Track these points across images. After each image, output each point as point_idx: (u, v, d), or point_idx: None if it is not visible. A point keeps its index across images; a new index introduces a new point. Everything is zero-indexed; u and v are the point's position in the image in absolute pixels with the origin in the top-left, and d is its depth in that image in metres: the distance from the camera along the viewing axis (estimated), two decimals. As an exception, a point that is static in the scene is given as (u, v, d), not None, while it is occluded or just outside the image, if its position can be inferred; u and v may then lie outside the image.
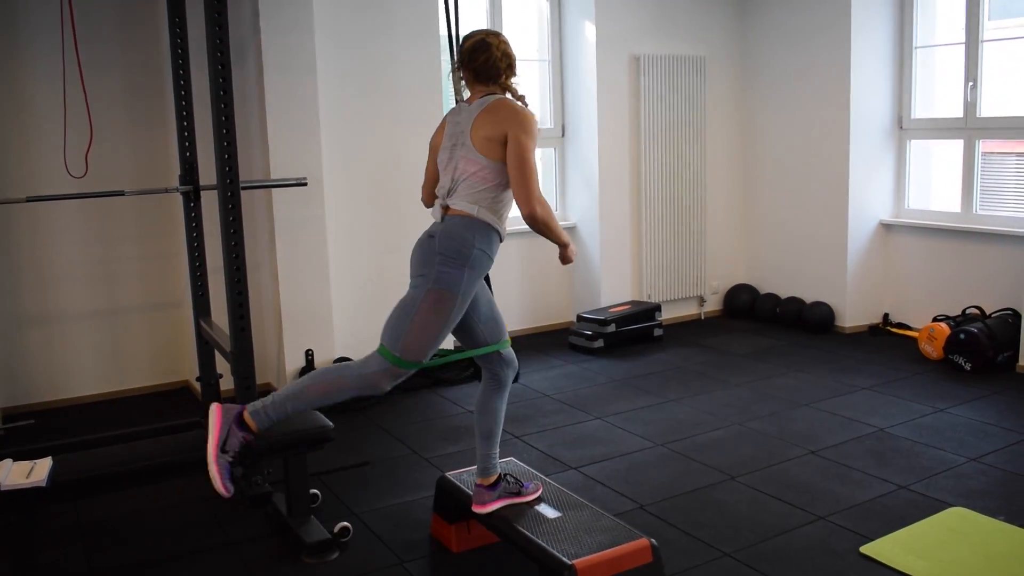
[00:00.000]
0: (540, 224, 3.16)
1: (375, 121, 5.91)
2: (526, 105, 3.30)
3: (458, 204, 3.19)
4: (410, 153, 5.98)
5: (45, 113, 5.31)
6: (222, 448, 3.16)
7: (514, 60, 3.34)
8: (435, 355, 3.27)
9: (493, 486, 3.46)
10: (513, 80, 3.36)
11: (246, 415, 3.22)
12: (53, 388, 5.70)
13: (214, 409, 3.22)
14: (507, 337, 3.48)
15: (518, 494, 3.47)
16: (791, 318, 7.29)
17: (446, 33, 5.75)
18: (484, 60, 3.29)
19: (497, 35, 3.36)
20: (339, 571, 3.57)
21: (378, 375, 3.22)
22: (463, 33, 3.51)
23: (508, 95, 3.32)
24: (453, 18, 5.64)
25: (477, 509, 3.44)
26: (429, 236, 3.21)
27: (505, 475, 3.51)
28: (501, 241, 3.28)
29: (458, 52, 3.37)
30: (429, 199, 3.56)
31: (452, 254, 3.13)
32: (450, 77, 3.53)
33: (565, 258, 3.43)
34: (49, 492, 3.31)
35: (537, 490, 3.52)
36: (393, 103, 5.94)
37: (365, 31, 5.81)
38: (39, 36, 5.30)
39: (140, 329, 5.90)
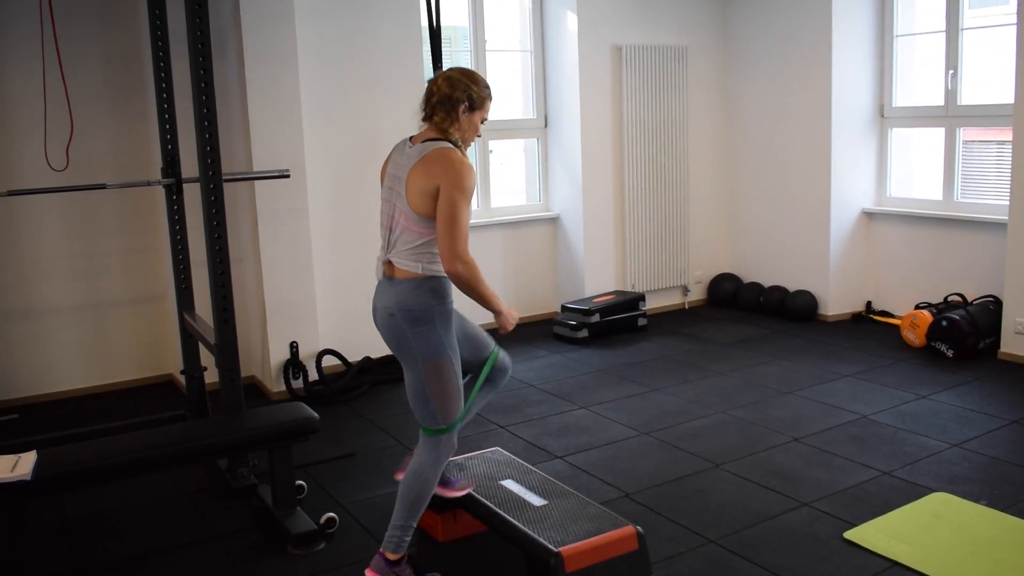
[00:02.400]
0: (463, 284, 3.04)
1: (357, 112, 5.89)
2: (463, 152, 3.15)
3: (401, 262, 3.11)
4: (392, 142, 5.95)
5: (25, 106, 5.28)
6: None
7: (457, 103, 3.14)
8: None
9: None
10: (468, 119, 3.18)
11: (388, 555, 3.24)
12: (37, 382, 5.67)
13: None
14: (492, 342, 3.47)
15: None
16: (774, 307, 7.32)
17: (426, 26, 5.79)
18: (427, 97, 3.20)
19: (447, 75, 3.20)
20: (325, 562, 3.57)
21: (444, 450, 3.25)
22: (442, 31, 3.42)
23: (448, 142, 3.13)
24: (435, 13, 5.65)
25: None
26: (389, 315, 3.13)
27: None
28: (450, 282, 3.16)
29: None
30: None
31: (419, 326, 3.09)
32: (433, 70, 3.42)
33: (501, 326, 3.31)
34: (33, 486, 3.30)
35: (465, 488, 3.50)
36: (375, 94, 5.92)
37: (346, 22, 5.79)
38: (17, 28, 5.26)
39: (124, 323, 5.88)
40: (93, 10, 5.51)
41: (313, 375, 5.72)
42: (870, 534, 3.61)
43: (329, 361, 5.82)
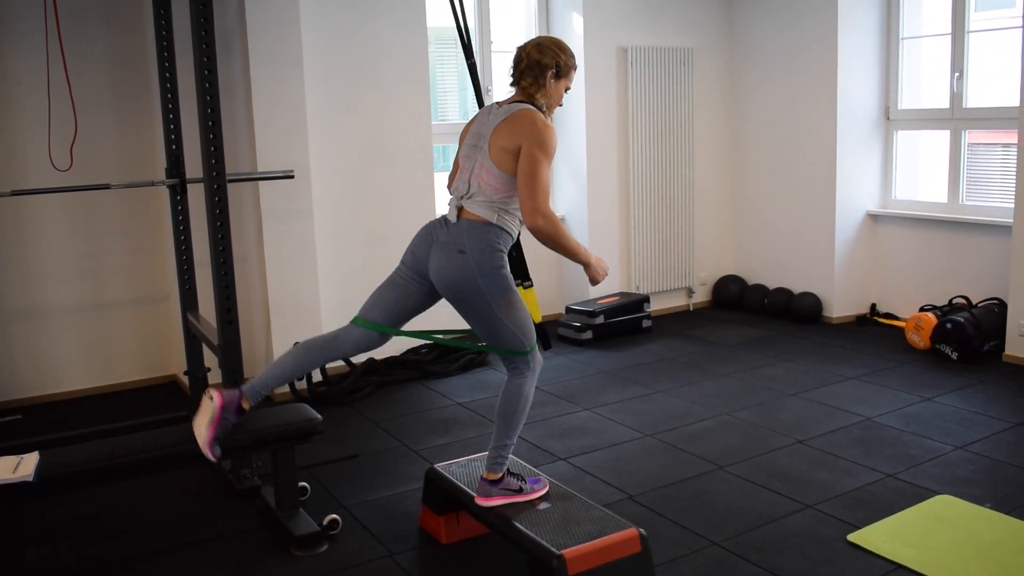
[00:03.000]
0: (545, 238, 3.19)
1: (362, 113, 5.89)
2: (547, 116, 3.28)
3: (476, 209, 3.22)
4: (397, 145, 5.98)
5: (29, 106, 5.28)
6: None
7: (546, 69, 3.28)
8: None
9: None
10: (551, 84, 3.31)
11: (490, 476, 3.39)
12: (40, 383, 5.67)
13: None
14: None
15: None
16: (779, 309, 7.31)
17: (448, 26, 5.79)
18: (515, 63, 3.33)
19: (537, 42, 3.34)
20: (328, 564, 3.56)
21: (536, 364, 3.37)
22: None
23: (534, 106, 3.27)
24: (460, 8, 5.68)
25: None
26: (459, 251, 3.20)
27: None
28: (513, 241, 3.34)
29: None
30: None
31: (490, 265, 3.19)
32: (471, 76, 3.53)
33: (591, 278, 3.42)
34: (36, 487, 3.30)
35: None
36: (380, 95, 5.92)
37: (352, 23, 5.79)
38: (22, 27, 5.26)
39: (127, 323, 5.88)
40: (98, 10, 5.52)
41: (317, 376, 5.71)
42: (874, 536, 3.60)
43: (333, 362, 5.80)
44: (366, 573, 3.49)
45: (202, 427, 3.33)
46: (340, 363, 5.86)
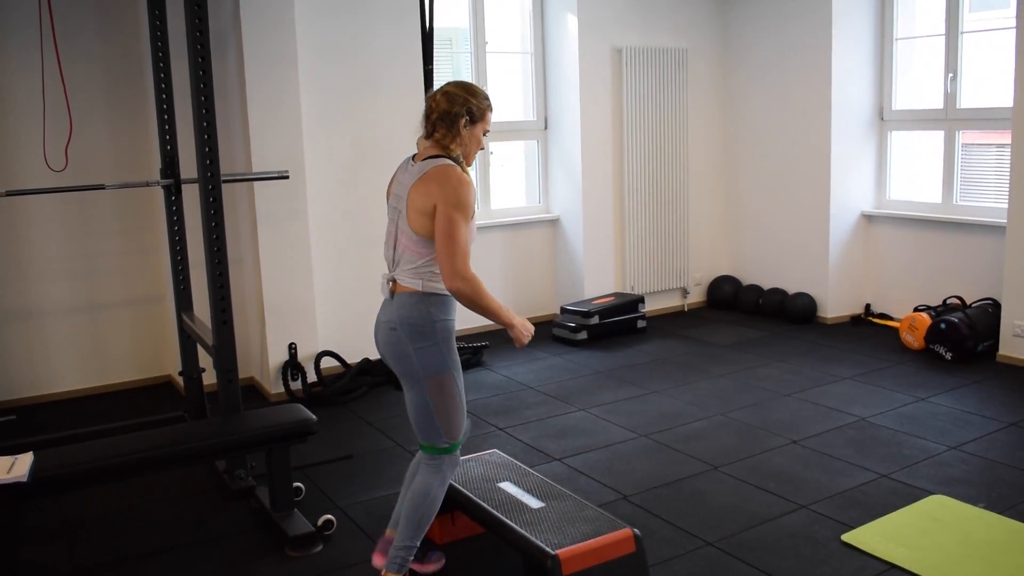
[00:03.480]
0: (467, 301, 2.99)
1: (356, 114, 5.89)
2: (464, 168, 3.10)
3: (403, 279, 3.09)
4: (392, 145, 5.96)
5: (24, 106, 5.28)
6: None
7: (457, 116, 3.10)
8: None
9: None
10: (470, 132, 3.13)
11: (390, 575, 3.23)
12: (34, 384, 5.67)
13: None
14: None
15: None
16: (774, 309, 7.32)
17: (446, 28, 5.78)
18: (427, 112, 3.16)
19: (445, 88, 3.16)
20: (323, 564, 3.57)
21: (448, 469, 3.25)
22: (436, 29, 3.35)
23: (449, 159, 3.09)
24: (428, 11, 5.65)
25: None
26: (391, 330, 3.12)
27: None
28: (451, 299, 3.13)
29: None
30: None
31: (420, 340, 3.07)
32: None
33: (515, 339, 3.22)
34: (30, 487, 3.30)
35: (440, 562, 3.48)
36: (374, 96, 5.92)
37: (346, 24, 5.79)
38: (17, 28, 5.26)
39: (122, 324, 5.88)
40: (92, 11, 5.51)
41: (312, 376, 5.72)
42: (868, 536, 3.61)
43: (328, 362, 5.82)
44: (360, 574, 3.49)
45: None
46: (335, 363, 5.86)
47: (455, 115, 3.10)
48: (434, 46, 5.94)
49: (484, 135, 3.21)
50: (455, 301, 3.09)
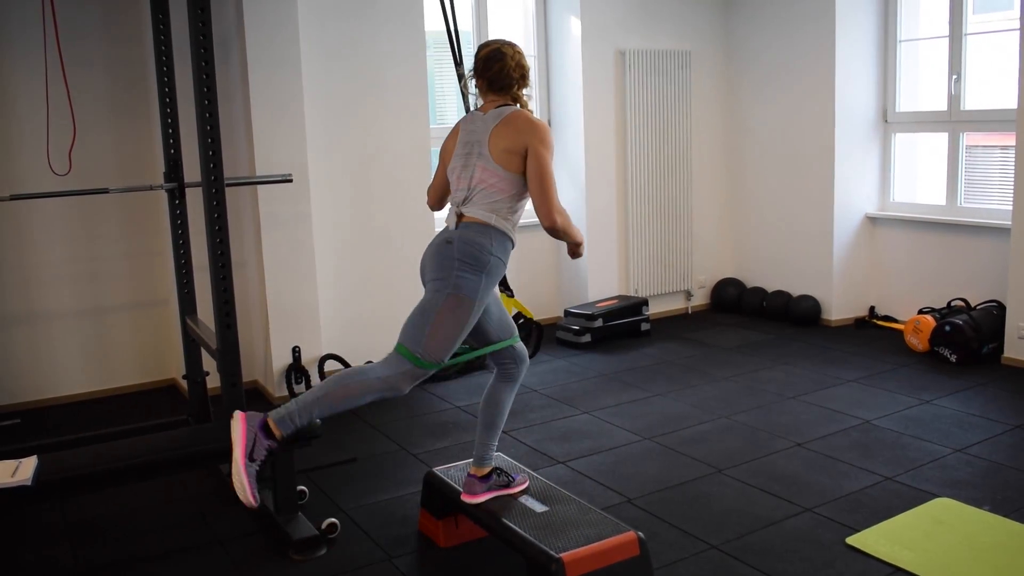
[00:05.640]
0: (560, 232, 3.26)
1: (360, 116, 5.90)
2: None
3: (475, 212, 3.23)
4: (396, 149, 5.98)
5: (27, 110, 5.28)
6: (249, 457, 3.10)
7: (527, 71, 3.38)
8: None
9: (485, 478, 3.47)
10: (525, 91, 3.40)
11: (270, 422, 3.15)
12: (39, 387, 5.67)
13: (237, 417, 3.14)
14: (516, 333, 3.54)
15: (507, 486, 3.50)
16: (778, 312, 7.31)
17: (444, 31, 5.80)
18: (499, 70, 3.33)
19: (512, 45, 3.38)
20: (327, 567, 3.56)
21: (399, 376, 3.21)
22: (480, 40, 3.53)
23: (519, 106, 3.35)
24: (451, 16, 5.69)
25: (466, 499, 3.46)
26: (446, 242, 3.21)
27: (497, 469, 3.53)
28: (512, 247, 3.34)
29: (474, 61, 3.40)
30: (435, 204, 3.65)
31: (471, 260, 3.16)
32: (459, 83, 3.59)
33: (575, 253, 3.47)
34: (35, 491, 3.30)
35: (524, 483, 3.55)
36: (378, 98, 5.93)
37: (349, 26, 5.80)
38: (21, 32, 5.27)
39: (126, 327, 5.88)
40: (96, 15, 5.52)
41: (316, 379, 5.72)
42: (872, 540, 3.60)
43: (332, 366, 5.82)
44: (365, 577, 3.49)
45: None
46: (339, 366, 5.86)
47: (526, 69, 3.38)
48: (435, 49, 5.93)
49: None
50: (511, 244, 3.29)
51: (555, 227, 3.22)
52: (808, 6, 6.91)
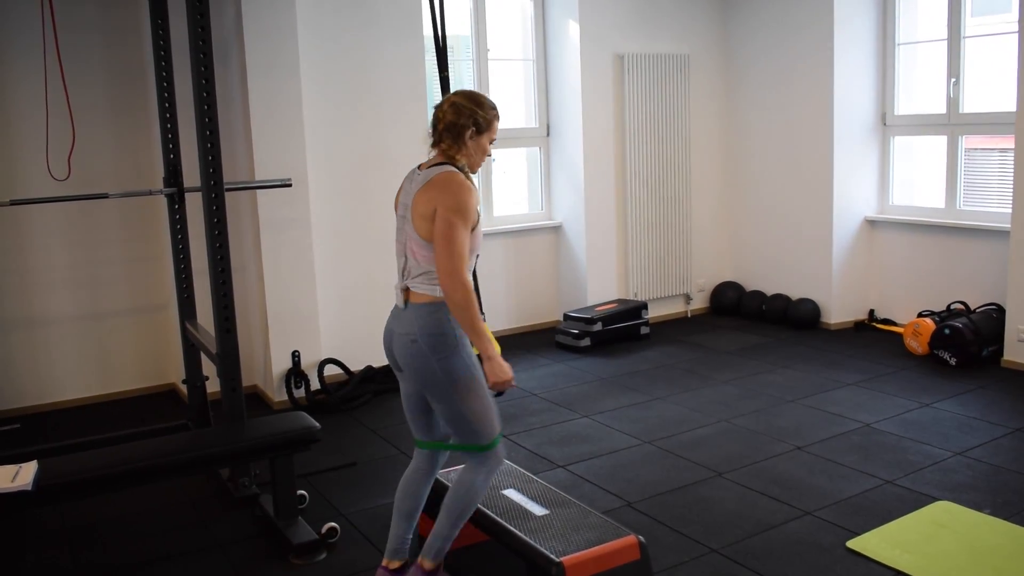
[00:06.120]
0: (456, 306, 2.98)
1: (359, 121, 5.90)
2: (468, 177, 3.14)
3: (419, 288, 3.10)
4: (394, 154, 5.97)
5: (27, 116, 5.29)
6: None
7: (461, 127, 3.12)
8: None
9: (432, 572, 3.28)
10: (476, 142, 3.16)
11: (427, 564, 3.25)
12: (39, 392, 5.67)
13: None
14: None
15: None
16: (777, 315, 7.31)
17: (431, 35, 5.80)
18: (434, 123, 3.19)
19: (453, 98, 3.19)
20: (326, 572, 3.56)
21: (495, 462, 3.26)
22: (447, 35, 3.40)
23: (455, 167, 3.12)
24: (439, 19, 5.68)
25: None
26: (412, 341, 3.09)
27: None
28: None
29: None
30: None
31: (443, 349, 3.07)
32: (443, 91, 3.34)
33: (489, 373, 3.08)
34: (35, 496, 3.30)
35: None
36: (377, 103, 5.93)
37: (348, 31, 5.80)
38: (20, 38, 5.27)
39: (126, 332, 5.88)
40: (96, 20, 5.53)
41: (315, 384, 5.72)
42: (873, 543, 3.60)
43: (331, 370, 5.82)
44: (365, 581, 3.49)
45: None
46: (338, 371, 5.86)
47: (461, 127, 3.13)
48: (446, 51, 5.92)
49: (490, 143, 3.24)
50: None
51: (450, 292, 2.96)
52: (806, 9, 6.91)
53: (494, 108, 3.22)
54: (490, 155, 3.28)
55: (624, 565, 3.10)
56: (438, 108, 3.20)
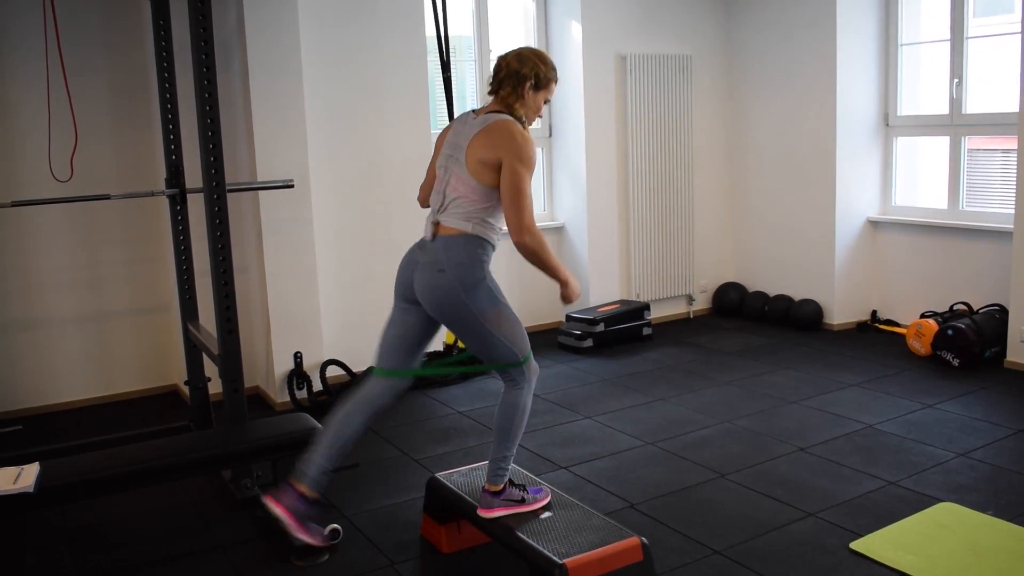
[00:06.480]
0: (530, 254, 3.17)
1: (361, 121, 5.90)
2: (525, 127, 3.25)
3: (450, 222, 3.19)
4: (397, 153, 5.98)
5: (29, 117, 5.29)
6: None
7: (525, 80, 3.24)
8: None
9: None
10: (527, 101, 3.26)
11: (492, 487, 3.37)
12: (41, 393, 5.67)
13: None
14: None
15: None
16: (779, 316, 7.30)
17: (434, 34, 5.80)
18: (495, 72, 3.29)
19: (520, 51, 3.30)
20: (329, 573, 3.56)
21: (533, 373, 3.35)
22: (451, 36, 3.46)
23: (511, 116, 3.23)
24: (442, 17, 5.69)
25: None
26: (439, 271, 3.16)
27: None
28: (494, 251, 3.30)
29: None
30: (425, 201, 3.58)
31: (472, 280, 3.15)
32: (445, 88, 3.48)
33: (564, 296, 3.36)
34: (37, 497, 3.30)
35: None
36: (379, 103, 5.93)
37: (350, 33, 5.80)
38: (22, 39, 5.27)
39: (128, 333, 5.88)
40: (97, 20, 5.53)
41: (317, 385, 5.71)
42: (876, 544, 3.59)
43: (333, 371, 5.81)
44: (367, 583, 3.48)
45: (294, 534, 3.36)
46: (340, 372, 5.86)
47: (523, 76, 3.24)
48: (449, 53, 5.92)
49: (545, 103, 3.35)
50: (492, 248, 3.25)
51: (523, 244, 3.13)
52: (809, 9, 6.91)
53: (555, 69, 3.37)
54: (541, 115, 3.39)
55: (627, 567, 3.10)
56: (502, 57, 3.31)
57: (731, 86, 7.68)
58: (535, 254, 3.16)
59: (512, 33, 7.13)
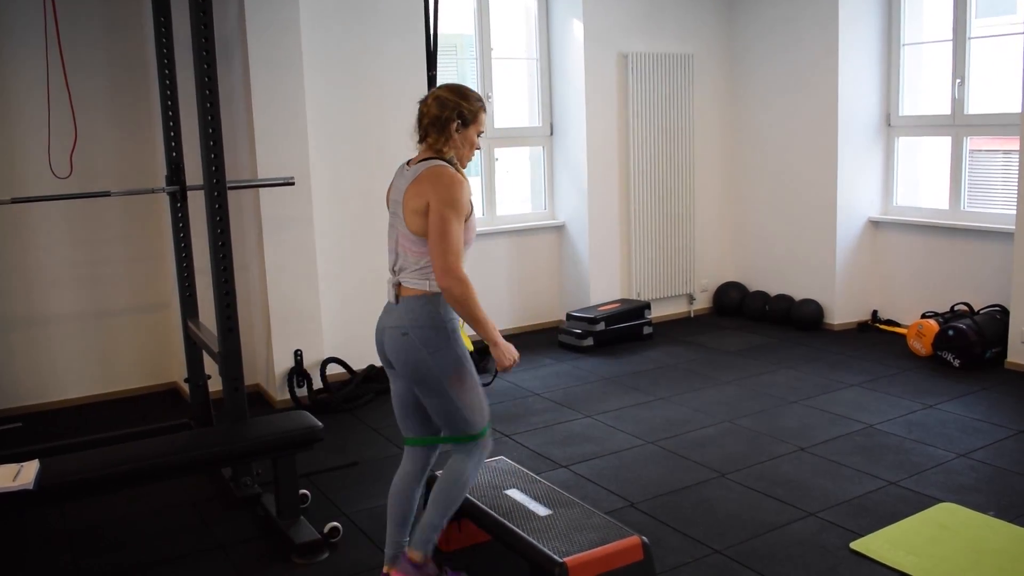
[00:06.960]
0: (455, 302, 2.98)
1: (362, 119, 5.89)
2: (459, 169, 3.12)
3: (410, 283, 3.10)
4: (397, 152, 5.92)
5: (29, 114, 5.28)
6: None
7: (445, 119, 3.11)
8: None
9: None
10: (463, 135, 3.14)
11: (415, 556, 3.24)
12: (41, 390, 5.66)
13: None
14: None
15: None
16: (780, 315, 7.30)
17: (450, 35, 5.78)
18: (419, 118, 3.18)
19: (437, 91, 3.19)
20: (329, 571, 3.55)
21: (484, 450, 3.27)
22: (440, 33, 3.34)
23: (443, 161, 3.10)
24: (433, 17, 5.66)
25: None
26: (403, 334, 3.09)
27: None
28: None
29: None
30: None
31: (435, 341, 3.06)
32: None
33: (497, 360, 3.11)
34: (36, 495, 3.29)
35: None
36: (380, 101, 5.92)
37: (351, 30, 5.79)
38: (22, 36, 5.26)
39: (128, 331, 5.87)
40: (98, 17, 5.52)
41: (317, 383, 5.71)
42: (877, 544, 3.59)
43: (333, 369, 5.81)
44: (367, 581, 3.48)
45: None
46: (341, 369, 5.85)
47: (446, 120, 3.12)
48: (438, 52, 5.92)
49: (478, 136, 3.22)
50: None
51: (448, 290, 2.94)
52: (811, 9, 6.90)
53: (480, 100, 3.21)
54: (478, 147, 3.26)
55: (627, 566, 3.09)
56: (422, 103, 3.20)
57: (733, 85, 7.67)
58: (459, 301, 2.96)
59: (514, 32, 7.13)
